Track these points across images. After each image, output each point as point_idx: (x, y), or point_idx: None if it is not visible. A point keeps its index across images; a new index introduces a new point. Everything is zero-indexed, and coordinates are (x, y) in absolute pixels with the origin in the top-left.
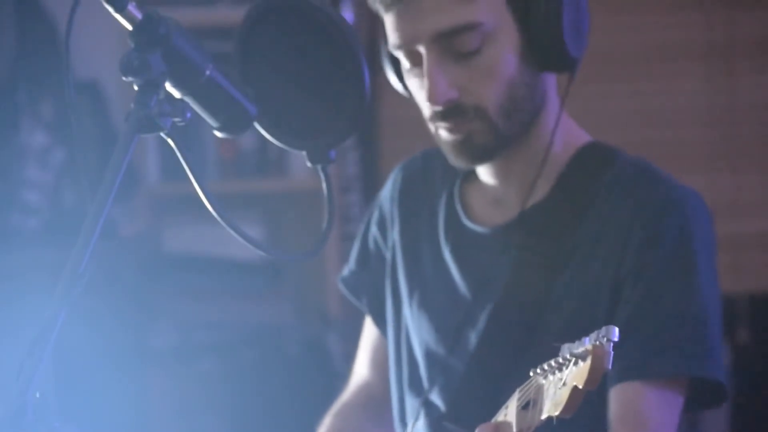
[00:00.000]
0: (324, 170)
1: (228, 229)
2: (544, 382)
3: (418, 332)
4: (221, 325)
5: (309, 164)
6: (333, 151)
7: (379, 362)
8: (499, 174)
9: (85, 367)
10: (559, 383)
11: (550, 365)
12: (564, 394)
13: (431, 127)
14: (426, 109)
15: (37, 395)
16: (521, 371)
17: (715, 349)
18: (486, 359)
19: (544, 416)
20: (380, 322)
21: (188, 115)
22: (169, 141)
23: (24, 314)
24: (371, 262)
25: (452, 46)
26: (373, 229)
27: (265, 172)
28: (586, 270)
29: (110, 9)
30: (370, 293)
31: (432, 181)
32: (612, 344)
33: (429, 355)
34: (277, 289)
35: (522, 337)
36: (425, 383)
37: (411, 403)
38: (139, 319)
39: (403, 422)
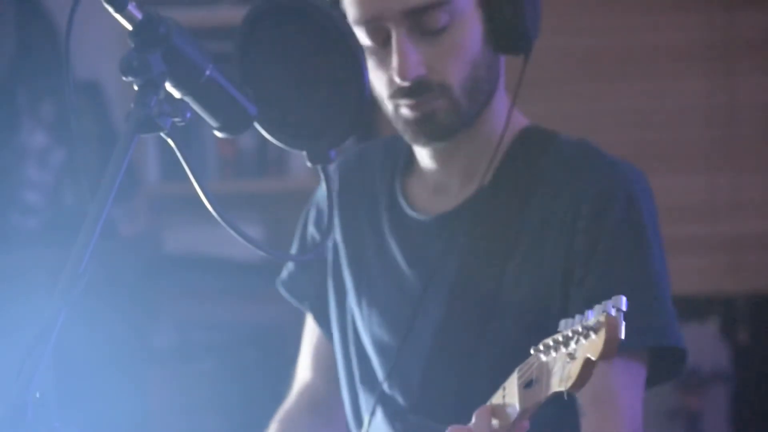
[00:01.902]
0: (324, 170)
1: (228, 229)
2: (546, 359)
3: (369, 328)
4: (221, 325)
5: (309, 164)
6: (333, 151)
7: (322, 364)
8: (441, 160)
9: (85, 366)
10: (566, 358)
11: (554, 341)
12: (575, 367)
13: (389, 104)
14: (386, 87)
15: (37, 395)
16: (480, 358)
17: (671, 316)
18: (445, 348)
19: (552, 391)
20: (323, 322)
21: (188, 115)
22: (169, 141)
23: (24, 314)
24: (311, 263)
25: (421, 23)
26: (311, 230)
27: (265, 172)
28: (536, 252)
29: (110, 9)
30: (312, 294)
31: (370, 177)
32: (623, 314)
33: (381, 349)
34: (277, 289)
35: (479, 323)
36: (380, 377)
37: (366, 399)
38: (139, 319)
39: (358, 420)
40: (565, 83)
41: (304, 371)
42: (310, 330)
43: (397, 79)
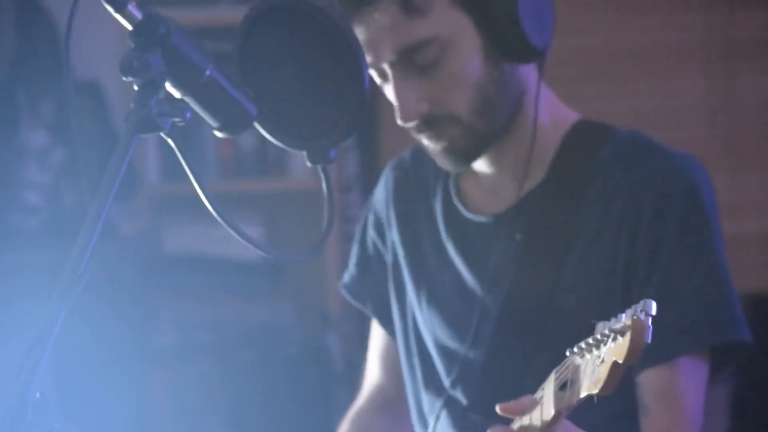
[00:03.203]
0: (324, 170)
1: (228, 229)
2: (580, 361)
3: (430, 329)
4: (221, 325)
5: (309, 164)
6: (333, 151)
7: (390, 364)
8: (493, 163)
9: (85, 366)
10: (597, 360)
11: (587, 344)
12: (603, 370)
13: (415, 137)
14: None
15: (37, 395)
16: (540, 356)
17: (737, 309)
18: (504, 347)
19: (582, 395)
20: (387, 324)
21: (188, 115)
22: (169, 141)
23: (24, 314)
24: (372, 266)
25: (414, 61)
26: (371, 232)
27: (265, 172)
28: (596, 248)
29: (110, 9)
30: (375, 297)
31: (425, 178)
32: (650, 318)
33: (444, 350)
34: (277, 289)
35: (537, 321)
36: (444, 379)
37: (428, 400)
38: (139, 319)
39: (422, 421)
40: (564, 83)
41: (373, 372)
42: (376, 332)
43: (400, 123)
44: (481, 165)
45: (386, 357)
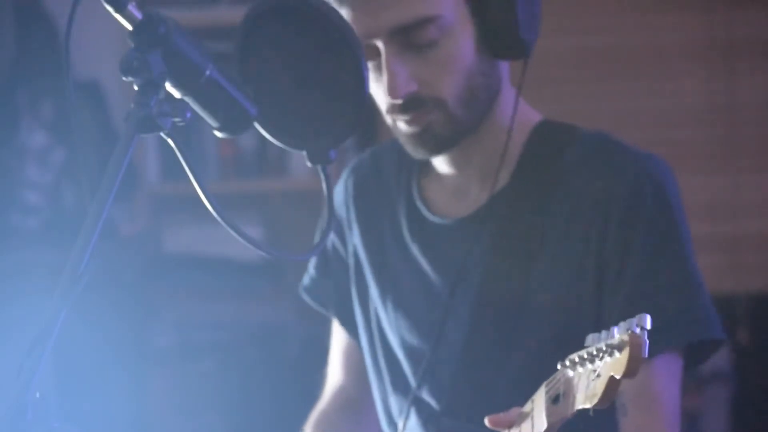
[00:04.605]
0: (324, 170)
1: (228, 229)
2: (573, 374)
3: (397, 332)
4: (221, 325)
5: (309, 164)
6: (333, 151)
7: (352, 365)
8: (458, 163)
9: (85, 366)
10: (592, 375)
11: (580, 357)
12: (599, 384)
13: (389, 119)
14: (383, 102)
15: (37, 395)
16: (512, 358)
17: (709, 307)
18: (475, 351)
19: (577, 408)
20: (349, 326)
21: (188, 115)
22: (169, 141)
23: (24, 314)
24: (332, 268)
25: (410, 39)
26: (331, 235)
27: (265, 172)
28: (565, 249)
29: (110, 9)
30: (335, 299)
31: (386, 181)
32: (646, 332)
33: (411, 353)
34: (277, 289)
35: (508, 325)
36: (411, 381)
37: (397, 402)
38: (139, 318)
39: (391, 422)
40: (564, 83)
41: (335, 374)
42: (338, 334)
43: (388, 98)
44: (445, 167)
45: (348, 357)
